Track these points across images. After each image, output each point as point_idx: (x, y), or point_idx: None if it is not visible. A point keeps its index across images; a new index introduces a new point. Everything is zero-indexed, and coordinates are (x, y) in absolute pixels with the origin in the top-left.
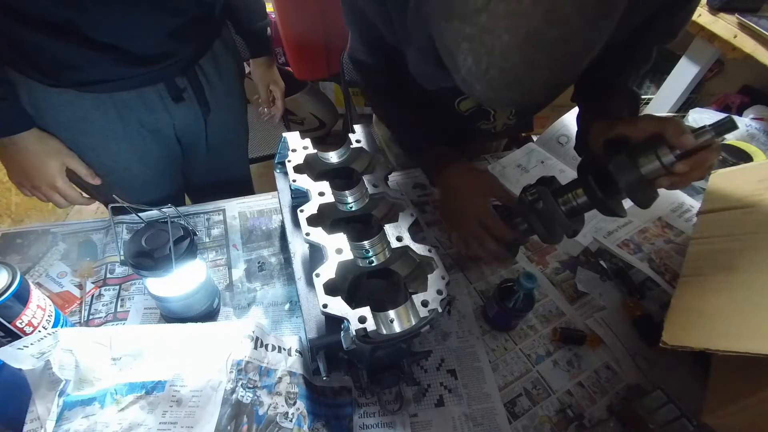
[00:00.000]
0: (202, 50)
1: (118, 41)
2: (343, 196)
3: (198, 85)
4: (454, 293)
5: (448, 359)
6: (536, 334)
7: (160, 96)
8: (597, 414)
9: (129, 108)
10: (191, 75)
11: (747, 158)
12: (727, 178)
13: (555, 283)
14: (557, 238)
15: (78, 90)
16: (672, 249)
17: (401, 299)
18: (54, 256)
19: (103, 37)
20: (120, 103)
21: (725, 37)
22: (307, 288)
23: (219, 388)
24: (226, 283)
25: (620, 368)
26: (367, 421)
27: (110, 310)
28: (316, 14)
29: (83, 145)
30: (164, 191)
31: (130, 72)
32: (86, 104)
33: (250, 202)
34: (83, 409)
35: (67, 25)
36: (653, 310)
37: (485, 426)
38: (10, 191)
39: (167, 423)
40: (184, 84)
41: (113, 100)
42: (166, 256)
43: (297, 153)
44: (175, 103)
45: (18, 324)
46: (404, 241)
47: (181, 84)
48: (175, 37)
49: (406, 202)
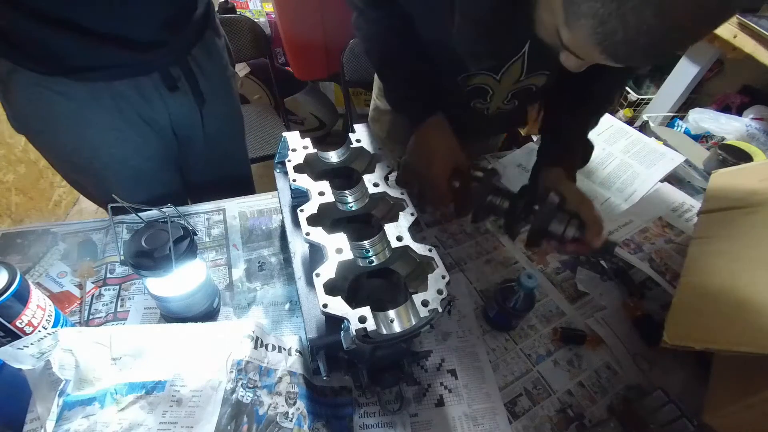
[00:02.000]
0: (195, 39)
1: (112, 29)
2: (343, 195)
3: (191, 74)
4: (455, 293)
5: (448, 359)
6: (536, 333)
7: (155, 86)
8: (597, 414)
9: (125, 99)
10: (184, 64)
11: (747, 158)
12: (727, 178)
13: (555, 282)
14: (475, 219)
15: (68, 77)
16: (672, 249)
17: (401, 299)
18: (54, 256)
19: (96, 25)
20: (117, 94)
21: (725, 37)
22: (307, 288)
23: (219, 387)
24: (226, 283)
25: (620, 368)
26: (368, 421)
27: (110, 310)
28: (316, 14)
29: (80, 138)
30: (163, 187)
31: (124, 60)
32: (83, 96)
33: (250, 202)
34: (83, 409)
35: (62, 13)
36: (653, 310)
37: (485, 426)
38: (10, 191)
39: (167, 423)
40: (177, 73)
41: (110, 92)
42: (166, 256)
43: (297, 153)
44: (170, 92)
45: (18, 324)
46: (404, 240)
47: (175, 73)
48: (168, 26)
49: (406, 202)
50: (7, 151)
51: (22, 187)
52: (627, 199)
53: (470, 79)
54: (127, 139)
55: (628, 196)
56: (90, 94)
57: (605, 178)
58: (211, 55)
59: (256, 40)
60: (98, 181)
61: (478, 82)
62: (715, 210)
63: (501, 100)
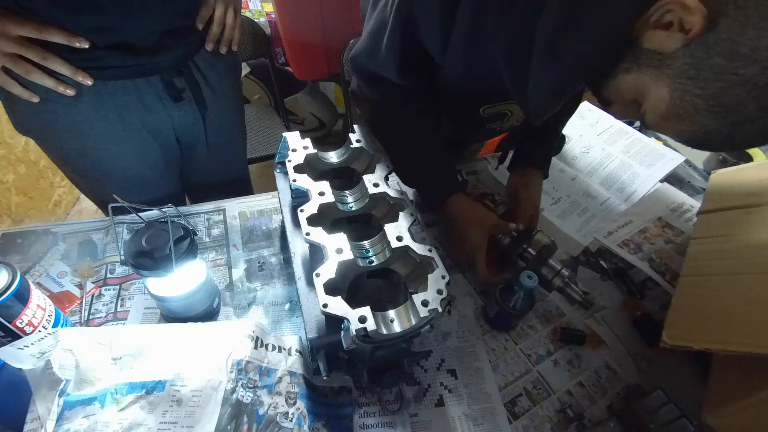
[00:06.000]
0: (197, 47)
1: (114, 38)
2: (343, 195)
3: (195, 83)
4: (455, 293)
5: (448, 359)
6: (536, 333)
7: (159, 96)
8: (597, 414)
9: (129, 109)
10: (188, 74)
11: (747, 158)
12: (727, 178)
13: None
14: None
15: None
16: (672, 249)
17: (401, 299)
18: (54, 256)
19: (99, 31)
20: (121, 104)
21: None
22: (307, 288)
23: (219, 387)
24: (227, 282)
25: (620, 368)
26: (368, 421)
27: (110, 309)
28: (316, 14)
29: (82, 146)
30: (164, 191)
31: (124, 62)
32: (86, 107)
33: (250, 202)
34: (83, 408)
35: (65, 19)
36: (653, 309)
37: (485, 426)
38: (10, 191)
39: (167, 423)
40: (182, 84)
41: (114, 102)
42: (167, 256)
43: (297, 153)
44: (174, 102)
45: (18, 324)
46: (404, 240)
47: (179, 84)
48: (172, 33)
49: (406, 202)
50: (7, 151)
51: (22, 187)
52: (627, 199)
53: (494, 107)
54: (130, 148)
55: (628, 196)
56: (93, 104)
57: (605, 178)
58: (216, 63)
59: (256, 40)
60: (99, 186)
61: (501, 109)
62: (715, 210)
63: (516, 120)
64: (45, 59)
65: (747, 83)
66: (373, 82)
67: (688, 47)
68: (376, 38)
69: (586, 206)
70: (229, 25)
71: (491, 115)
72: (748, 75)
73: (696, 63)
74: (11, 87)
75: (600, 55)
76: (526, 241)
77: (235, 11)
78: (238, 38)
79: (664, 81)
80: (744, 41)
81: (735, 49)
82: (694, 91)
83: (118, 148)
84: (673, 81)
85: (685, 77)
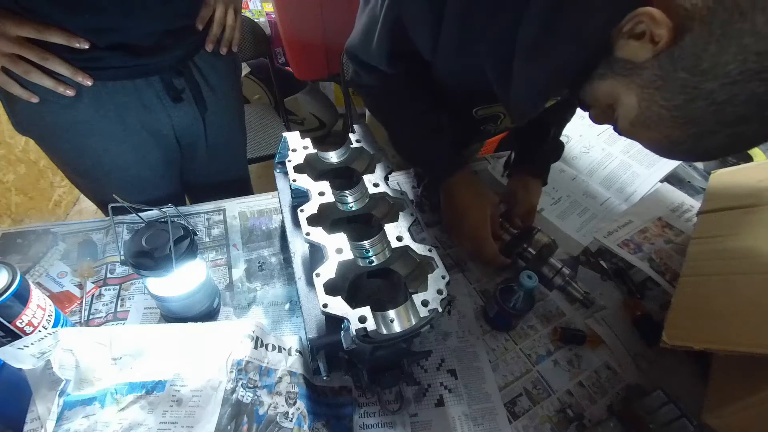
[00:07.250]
0: (197, 48)
1: (114, 38)
2: (343, 195)
3: (195, 84)
4: (455, 293)
5: (448, 359)
6: (536, 333)
7: (158, 97)
8: (597, 414)
9: (128, 109)
10: (188, 74)
11: (747, 158)
12: (727, 178)
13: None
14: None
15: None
16: (672, 249)
17: (401, 299)
18: (54, 256)
19: (99, 32)
20: (120, 105)
21: None
22: (307, 288)
23: (219, 387)
24: (226, 282)
25: (620, 368)
26: (368, 421)
27: (110, 309)
28: (316, 14)
29: (82, 146)
30: (164, 191)
31: (124, 61)
32: (86, 108)
33: (250, 202)
34: (83, 408)
35: (65, 19)
36: (653, 309)
37: (485, 426)
38: (10, 191)
39: (167, 423)
40: (182, 85)
41: (114, 103)
42: (167, 256)
43: (297, 153)
44: (174, 103)
45: (18, 324)
46: (404, 240)
47: (179, 85)
48: (172, 34)
49: (406, 202)
50: (7, 151)
51: (22, 187)
52: (627, 199)
53: (486, 108)
54: (129, 148)
55: (627, 196)
56: (93, 105)
57: (605, 178)
58: (216, 64)
59: (256, 40)
60: (99, 186)
61: (494, 110)
62: (715, 210)
63: (510, 122)
64: (44, 59)
65: (707, 98)
66: (369, 69)
67: (657, 58)
68: (367, 34)
69: (586, 206)
70: (230, 25)
71: (484, 117)
72: (708, 90)
73: (663, 74)
74: (11, 87)
75: (578, 62)
76: (526, 240)
77: (235, 12)
78: (239, 39)
79: (634, 89)
80: (706, 57)
81: (698, 64)
82: (659, 102)
83: (117, 149)
84: (642, 90)
85: (652, 87)
